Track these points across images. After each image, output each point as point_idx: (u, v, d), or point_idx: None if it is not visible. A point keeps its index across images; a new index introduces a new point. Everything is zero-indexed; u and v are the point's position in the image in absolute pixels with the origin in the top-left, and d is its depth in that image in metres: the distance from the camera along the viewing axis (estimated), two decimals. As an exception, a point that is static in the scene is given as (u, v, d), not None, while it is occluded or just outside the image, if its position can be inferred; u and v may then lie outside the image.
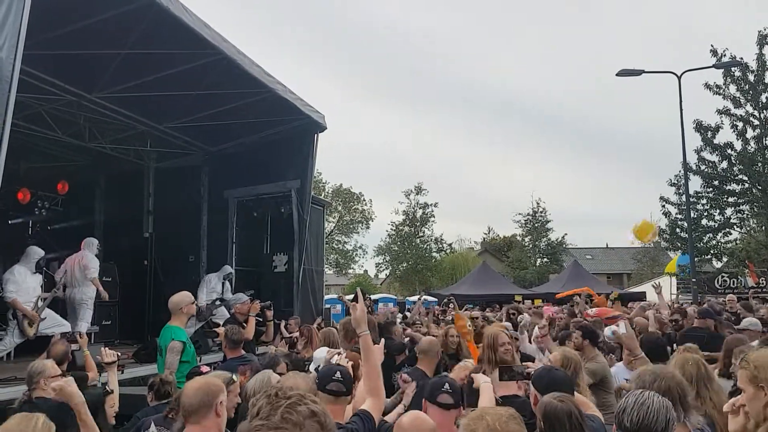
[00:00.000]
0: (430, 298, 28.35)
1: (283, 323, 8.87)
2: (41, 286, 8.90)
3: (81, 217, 12.85)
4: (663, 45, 74.24)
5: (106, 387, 5.00)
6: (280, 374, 4.45)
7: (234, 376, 4.02)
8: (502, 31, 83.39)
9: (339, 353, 4.21)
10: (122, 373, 6.03)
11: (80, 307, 9.62)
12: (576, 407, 2.95)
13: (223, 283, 11.45)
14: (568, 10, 77.81)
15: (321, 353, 4.91)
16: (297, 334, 7.91)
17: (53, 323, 8.66)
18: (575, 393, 3.39)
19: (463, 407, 3.30)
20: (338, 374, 3.22)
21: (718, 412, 3.29)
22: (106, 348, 5.47)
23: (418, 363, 5.33)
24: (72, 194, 12.50)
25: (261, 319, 8.22)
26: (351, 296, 12.47)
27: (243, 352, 6.27)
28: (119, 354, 5.61)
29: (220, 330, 6.70)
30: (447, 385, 3.31)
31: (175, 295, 5.99)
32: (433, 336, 6.51)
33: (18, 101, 5.50)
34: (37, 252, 8.95)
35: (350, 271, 52.98)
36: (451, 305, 16.67)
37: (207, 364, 5.76)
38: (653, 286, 11.32)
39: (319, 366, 4.46)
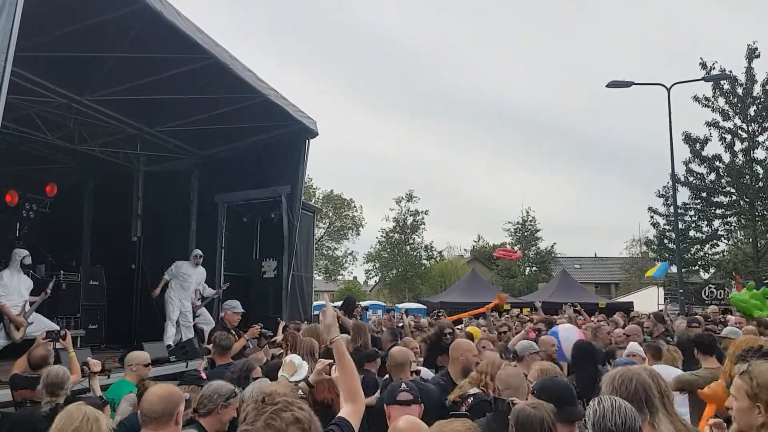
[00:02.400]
0: (416, 306, 28.38)
1: (281, 325, 8.88)
2: (29, 290, 8.84)
3: (69, 219, 12.82)
4: (659, 51, 75.00)
5: (102, 397, 4.98)
6: (256, 378, 4.43)
7: (237, 389, 3.90)
8: (495, 37, 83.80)
9: (331, 363, 4.13)
10: (108, 377, 6.01)
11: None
12: (549, 414, 2.95)
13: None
14: (564, 10, 78.02)
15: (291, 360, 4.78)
16: (279, 338, 7.87)
17: (41, 327, 8.58)
18: None
19: (421, 405, 3.49)
20: (404, 385, 3.56)
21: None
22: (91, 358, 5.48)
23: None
24: (60, 197, 12.41)
25: (257, 341, 8.13)
26: (340, 302, 12.44)
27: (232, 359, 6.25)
28: (103, 362, 5.65)
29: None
30: (404, 385, 3.58)
31: (134, 353, 5.96)
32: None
33: (7, 103, 5.47)
34: (19, 253, 8.89)
35: (340, 277, 52.94)
36: (441, 316, 16.74)
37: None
38: None
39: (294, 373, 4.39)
